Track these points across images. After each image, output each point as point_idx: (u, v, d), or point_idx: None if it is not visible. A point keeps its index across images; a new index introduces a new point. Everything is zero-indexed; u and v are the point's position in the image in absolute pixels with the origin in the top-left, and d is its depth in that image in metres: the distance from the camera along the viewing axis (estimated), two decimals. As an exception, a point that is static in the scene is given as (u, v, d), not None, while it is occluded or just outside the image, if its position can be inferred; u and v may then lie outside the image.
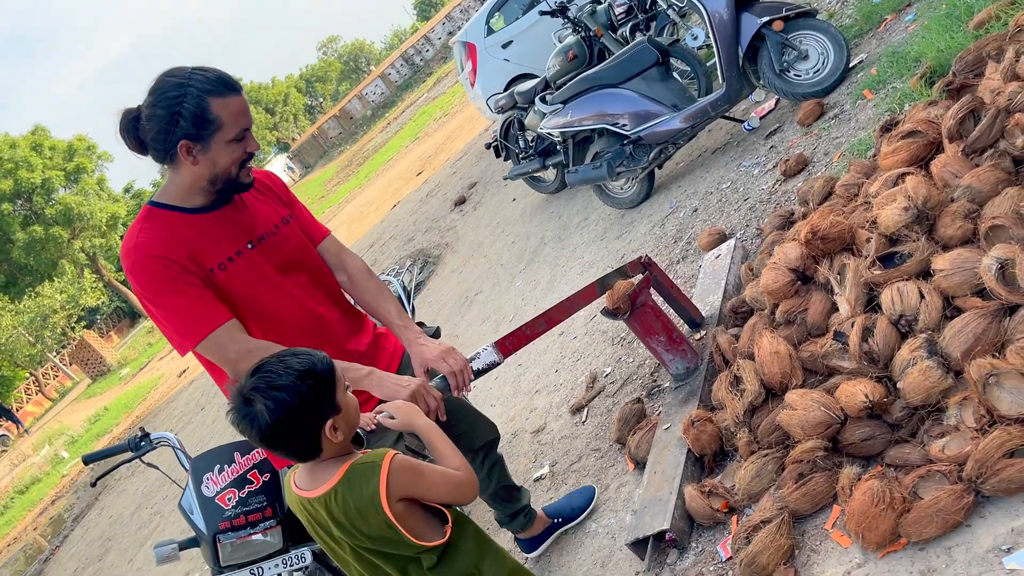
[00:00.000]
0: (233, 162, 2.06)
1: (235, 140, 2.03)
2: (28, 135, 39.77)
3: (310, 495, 1.69)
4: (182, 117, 1.95)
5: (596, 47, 6.53)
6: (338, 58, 78.12)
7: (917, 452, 2.05)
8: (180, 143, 1.98)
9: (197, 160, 2.01)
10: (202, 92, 1.96)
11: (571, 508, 2.99)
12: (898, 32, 4.45)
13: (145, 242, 2.03)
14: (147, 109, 1.98)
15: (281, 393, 1.58)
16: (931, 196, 2.29)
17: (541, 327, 2.68)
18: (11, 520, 16.76)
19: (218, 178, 2.07)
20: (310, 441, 1.64)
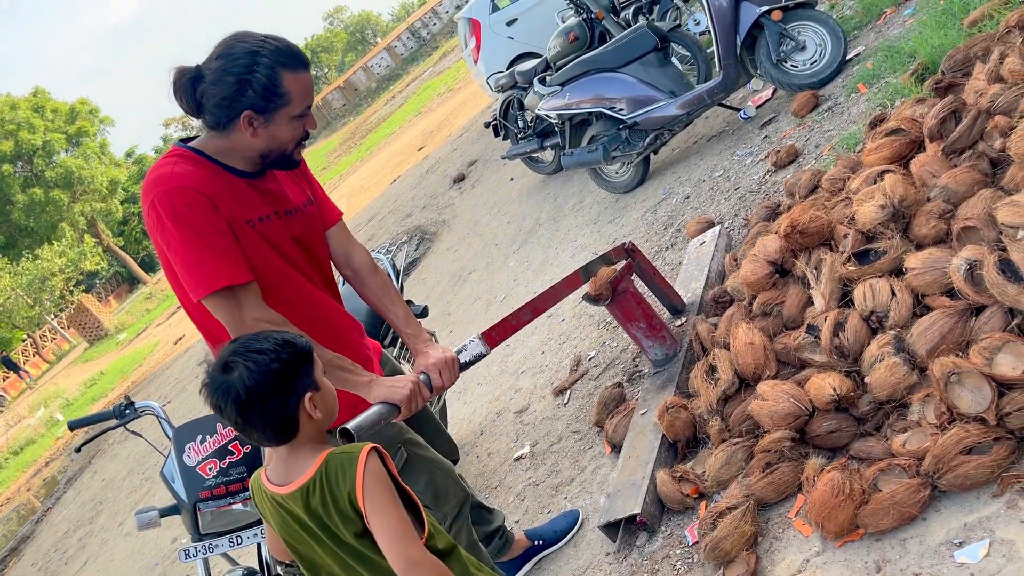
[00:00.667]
0: (292, 139, 2.00)
1: (298, 116, 1.97)
2: (29, 96, 39.61)
3: (285, 490, 1.59)
4: (251, 87, 1.88)
5: (597, 29, 6.51)
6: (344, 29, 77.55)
7: (880, 446, 2.10)
8: (244, 113, 1.90)
9: (257, 133, 1.94)
10: (275, 63, 1.89)
11: (553, 531, 2.84)
12: (896, 26, 4.45)
13: (182, 173, 1.92)
14: (213, 73, 1.89)
15: (262, 356, 1.54)
16: (908, 195, 2.32)
17: (527, 316, 2.69)
18: (5, 480, 16.92)
19: (272, 152, 2.00)
20: (289, 412, 1.56)
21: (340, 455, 1.58)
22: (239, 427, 1.58)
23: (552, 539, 2.83)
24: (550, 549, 2.82)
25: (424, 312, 3.95)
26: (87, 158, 39.67)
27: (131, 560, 6.51)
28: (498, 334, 2.52)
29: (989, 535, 1.76)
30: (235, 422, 1.56)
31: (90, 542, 8.14)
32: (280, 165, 2.09)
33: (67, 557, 8.30)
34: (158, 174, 1.94)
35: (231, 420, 1.57)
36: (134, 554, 6.59)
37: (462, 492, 2.39)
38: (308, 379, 1.60)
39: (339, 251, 2.30)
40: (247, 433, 1.59)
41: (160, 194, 1.90)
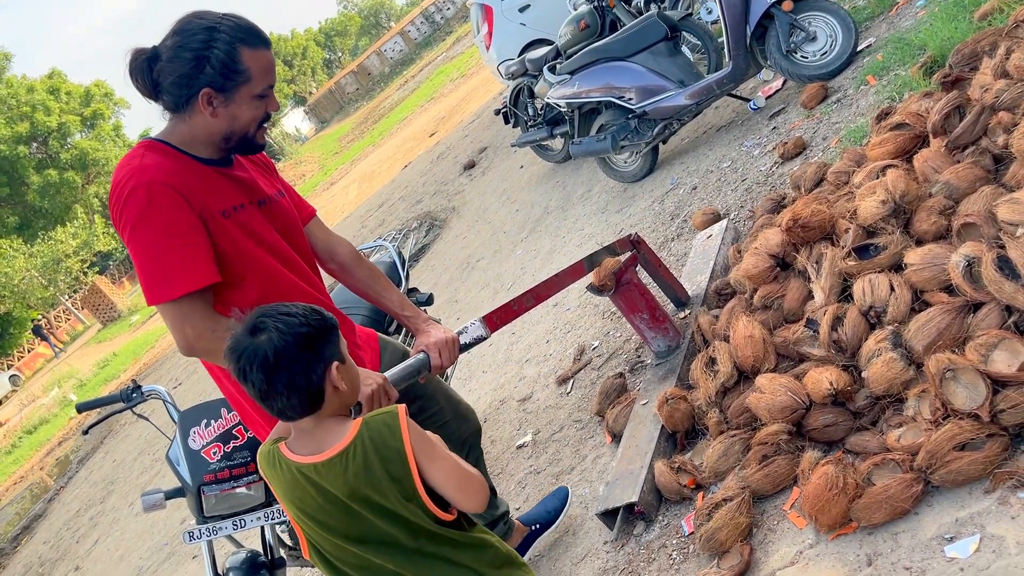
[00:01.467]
0: (253, 119, 1.95)
1: (259, 96, 1.92)
2: (45, 79, 39.78)
3: (319, 458, 1.54)
4: (209, 63, 1.82)
5: (608, 17, 6.49)
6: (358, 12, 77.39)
7: (876, 440, 2.11)
8: (203, 91, 1.85)
9: (217, 112, 1.89)
10: (234, 39, 1.84)
11: (547, 512, 2.83)
12: (908, 17, 4.42)
13: (151, 166, 1.86)
14: (168, 51, 1.84)
15: (292, 319, 1.51)
16: (909, 190, 2.32)
17: (529, 303, 2.71)
18: (19, 459, 17.13)
19: (234, 135, 1.95)
20: (316, 380, 1.51)
21: (378, 417, 1.57)
22: (263, 394, 1.51)
23: (547, 520, 2.82)
24: (548, 530, 2.82)
25: (430, 299, 3.98)
26: (102, 140, 39.82)
27: (141, 539, 6.60)
28: (499, 318, 2.54)
29: (980, 530, 1.78)
30: (260, 389, 1.50)
31: (101, 521, 8.26)
32: (243, 149, 2.03)
33: (78, 536, 8.43)
34: (126, 169, 1.88)
35: (255, 387, 1.50)
36: (144, 534, 6.68)
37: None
38: (335, 349, 1.57)
39: (321, 247, 2.28)
40: (271, 401, 1.52)
41: (129, 190, 1.84)
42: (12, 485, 15.24)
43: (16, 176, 37.46)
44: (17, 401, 27.68)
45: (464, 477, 1.59)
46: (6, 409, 28.87)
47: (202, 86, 1.85)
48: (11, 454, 18.42)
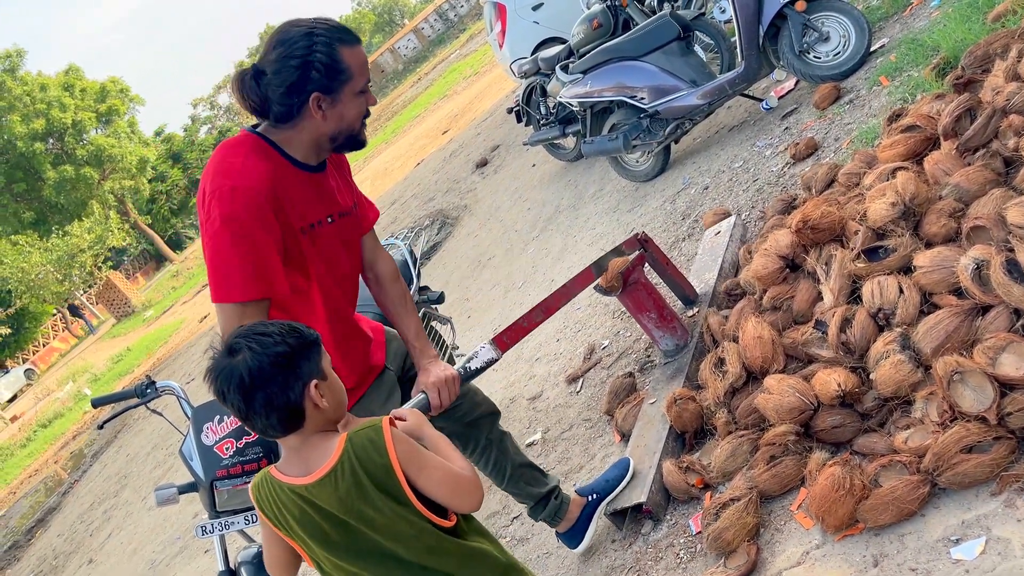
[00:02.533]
0: (358, 116, 2.00)
1: (361, 93, 1.97)
2: (61, 75, 40.09)
3: (310, 479, 1.54)
4: (314, 67, 1.88)
5: (621, 17, 6.48)
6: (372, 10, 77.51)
7: (883, 442, 2.12)
8: (312, 96, 1.90)
9: (326, 115, 1.94)
10: (332, 40, 1.89)
11: (605, 481, 2.69)
12: (922, 18, 4.41)
13: (250, 170, 1.90)
14: (273, 64, 1.89)
15: (267, 338, 1.51)
16: (919, 193, 2.32)
17: (538, 317, 2.68)
18: (33, 452, 17.29)
19: (341, 134, 2.00)
20: (294, 397, 1.51)
21: (362, 432, 1.56)
22: (243, 414, 1.52)
23: (606, 490, 2.68)
24: (607, 499, 2.68)
25: (440, 298, 4.01)
26: (117, 136, 40.14)
27: (154, 533, 6.67)
28: (509, 338, 2.52)
29: (986, 533, 1.78)
30: (238, 408, 1.51)
31: (114, 515, 8.34)
32: (349, 147, 2.07)
33: (92, 529, 8.51)
34: (227, 164, 1.92)
35: (234, 407, 1.52)
36: (157, 528, 6.74)
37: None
38: (313, 366, 1.56)
39: (367, 256, 2.32)
40: (251, 421, 1.53)
41: (226, 189, 1.88)
42: (27, 478, 15.40)
43: (32, 172, 37.82)
44: (32, 395, 27.95)
45: (455, 481, 1.58)
46: (21, 403, 29.16)
47: (312, 91, 1.90)
48: (26, 447, 18.60)
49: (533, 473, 2.62)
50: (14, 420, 24.82)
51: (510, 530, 3.19)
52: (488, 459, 2.56)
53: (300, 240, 1.99)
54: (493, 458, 2.56)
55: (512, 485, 2.60)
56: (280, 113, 1.94)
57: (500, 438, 2.59)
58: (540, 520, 2.67)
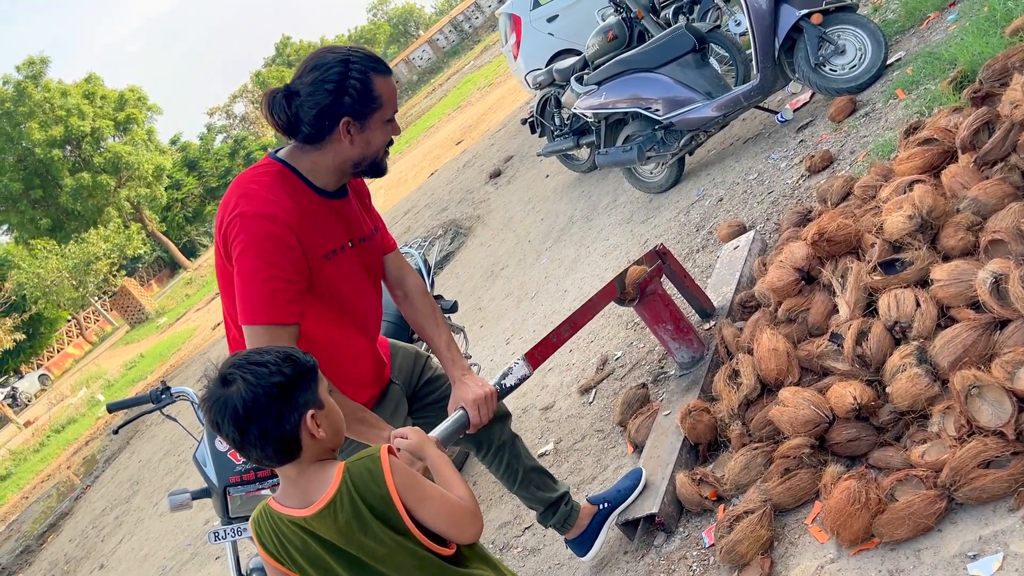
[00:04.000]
0: (383, 144, 2.04)
1: (388, 121, 2.02)
2: (81, 83, 40.53)
3: (309, 511, 1.52)
4: (347, 93, 1.92)
5: (636, 29, 6.51)
6: (387, 21, 78.02)
7: (899, 456, 2.11)
8: (343, 120, 1.94)
9: (354, 140, 1.98)
10: (367, 68, 1.94)
11: (617, 491, 2.69)
12: (939, 31, 4.40)
13: (275, 200, 1.94)
14: (307, 86, 1.92)
15: (262, 368, 1.48)
16: (936, 206, 2.31)
17: (566, 333, 2.69)
18: (46, 457, 17.39)
19: (365, 160, 2.03)
20: (290, 428, 1.48)
21: (359, 463, 1.54)
22: (237, 445, 1.50)
23: (618, 500, 2.67)
24: (618, 509, 2.67)
25: (454, 307, 4.02)
26: (135, 144, 40.49)
27: (165, 539, 6.68)
28: (540, 354, 2.52)
29: (1003, 549, 1.77)
30: (233, 439, 1.49)
31: (126, 520, 8.37)
32: (371, 173, 2.11)
33: (104, 534, 8.54)
34: (253, 191, 1.96)
35: (229, 438, 1.50)
36: (168, 534, 6.76)
37: None
38: (310, 395, 1.53)
39: (394, 274, 2.35)
40: (247, 452, 1.51)
41: (250, 215, 1.92)
42: (39, 483, 15.48)
43: (50, 179, 38.18)
44: (46, 400, 28.10)
45: (454, 512, 1.56)
46: (35, 408, 29.35)
47: (343, 116, 1.94)
48: (39, 452, 18.70)
49: (544, 478, 2.62)
50: (28, 425, 24.96)
51: (521, 540, 3.18)
52: (500, 461, 2.56)
53: (324, 266, 2.02)
54: (505, 461, 2.56)
55: (523, 489, 2.59)
56: (310, 135, 1.97)
57: (512, 440, 2.58)
58: (550, 526, 2.65)
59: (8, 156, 37.00)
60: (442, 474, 1.65)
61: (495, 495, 3.58)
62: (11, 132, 37.13)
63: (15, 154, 37.14)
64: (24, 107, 37.21)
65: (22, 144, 37.22)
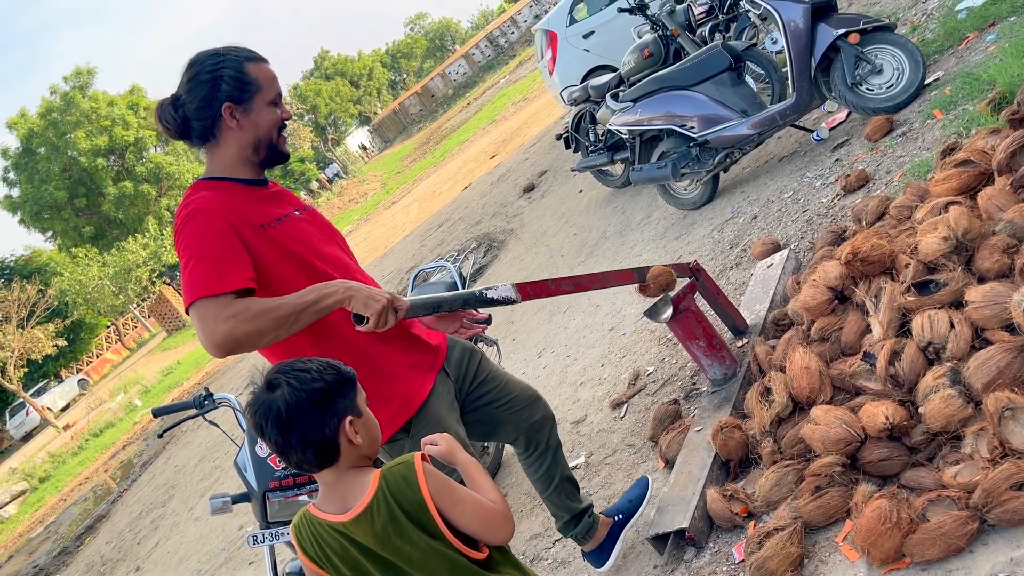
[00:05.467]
0: (273, 124, 2.13)
1: (272, 104, 2.12)
2: (126, 94, 41.47)
3: (347, 517, 1.57)
4: (223, 81, 2.04)
5: (672, 46, 6.55)
6: (424, 35, 78.83)
7: (932, 476, 2.11)
8: (224, 106, 2.06)
9: (241, 124, 2.09)
10: (239, 58, 2.08)
11: (628, 502, 2.82)
12: (978, 52, 4.38)
13: (201, 198, 2.04)
14: (186, 84, 2.07)
15: (306, 374, 1.56)
16: (972, 228, 2.32)
17: (567, 286, 2.66)
18: (84, 461, 17.73)
19: (261, 143, 2.13)
20: (330, 432, 1.56)
21: (395, 469, 1.60)
22: (279, 448, 1.57)
23: (630, 510, 2.80)
24: (632, 519, 2.79)
25: (488, 320, 4.05)
26: (176, 155, 41.32)
27: (199, 543, 6.80)
28: (532, 290, 2.49)
29: (1036, 572, 1.77)
30: (275, 442, 1.56)
31: (162, 524, 8.51)
32: (272, 159, 2.18)
33: (140, 537, 8.70)
34: (183, 204, 2.06)
35: (272, 441, 1.56)
36: (202, 538, 6.88)
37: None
38: (349, 402, 1.60)
39: None
40: (287, 455, 1.58)
41: (182, 218, 2.02)
42: (77, 485, 15.78)
43: (94, 187, 39.09)
44: (85, 404, 28.65)
45: (487, 515, 1.61)
46: (74, 412, 29.93)
47: (222, 102, 2.06)
48: (77, 456, 19.08)
49: (573, 489, 2.71)
50: (67, 429, 25.46)
51: (552, 552, 3.21)
52: (542, 464, 2.64)
53: (269, 234, 2.07)
54: (546, 465, 2.64)
55: (555, 495, 2.67)
56: (200, 130, 2.09)
57: (557, 446, 2.66)
58: (570, 536, 2.73)
59: (54, 165, 37.98)
60: (473, 478, 1.71)
61: (526, 507, 3.62)
62: (57, 141, 38.11)
63: (61, 163, 38.11)
64: (71, 116, 38.18)
65: (68, 153, 38.18)
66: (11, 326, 27.65)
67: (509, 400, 2.52)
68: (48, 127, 38.10)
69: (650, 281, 2.87)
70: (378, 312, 1.95)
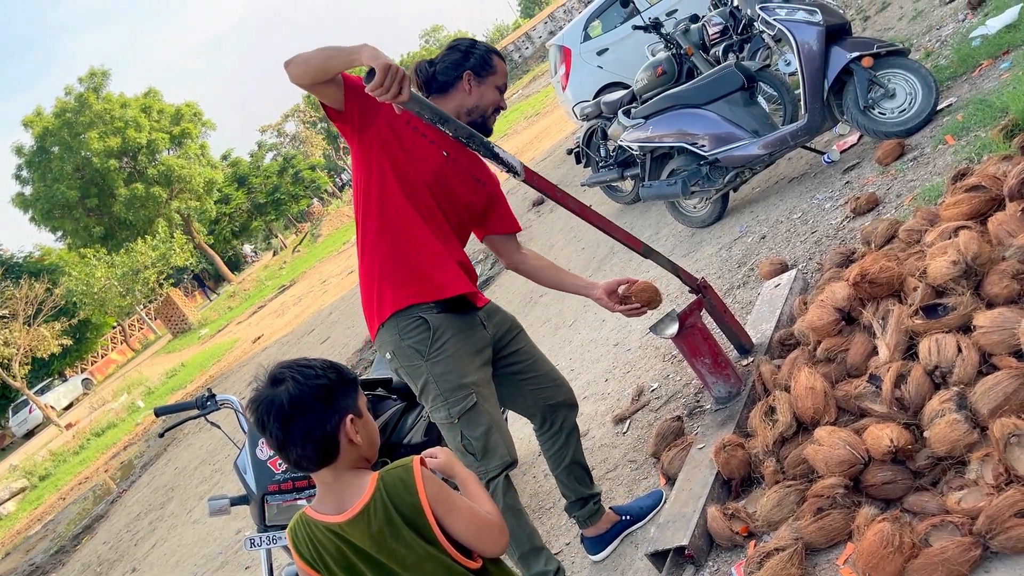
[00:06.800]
0: (492, 103, 2.62)
1: (499, 90, 2.62)
2: (140, 97, 41.76)
3: (344, 517, 1.58)
4: (473, 56, 2.58)
5: (686, 65, 6.58)
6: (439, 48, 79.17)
7: (935, 501, 2.09)
8: (466, 72, 2.56)
9: (471, 90, 2.57)
10: (488, 49, 2.63)
11: (639, 508, 3.00)
12: (991, 79, 4.38)
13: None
14: (445, 53, 2.61)
15: (310, 370, 1.58)
16: (982, 253, 2.31)
17: (570, 202, 2.70)
18: (85, 460, 17.73)
19: (476, 111, 2.59)
20: (330, 429, 1.57)
21: (393, 472, 1.61)
22: (280, 443, 1.57)
23: (639, 515, 2.99)
24: (636, 525, 2.98)
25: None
26: (188, 158, 41.56)
27: (196, 547, 6.78)
28: (536, 183, 2.59)
29: (1038, 601, 1.75)
30: (276, 437, 1.57)
31: (160, 526, 8.50)
32: (479, 126, 2.56)
33: (137, 538, 8.68)
34: None
35: (273, 436, 1.57)
36: (200, 541, 6.86)
37: (508, 457, 2.57)
38: (351, 401, 1.62)
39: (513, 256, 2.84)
40: (287, 450, 1.58)
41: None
42: (77, 485, 15.77)
43: (105, 188, 39.31)
44: (88, 404, 28.69)
45: (482, 524, 1.62)
46: (77, 411, 29.98)
47: (467, 69, 2.58)
48: (78, 455, 19.08)
49: (584, 475, 2.93)
50: (69, 428, 25.49)
51: (550, 566, 3.18)
52: (554, 444, 2.87)
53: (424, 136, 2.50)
54: (559, 445, 2.86)
55: (564, 474, 2.89)
56: (441, 84, 2.58)
57: (572, 430, 2.89)
58: (574, 517, 2.97)
59: (67, 164, 38.22)
60: (470, 490, 1.71)
61: (532, 513, 3.59)
62: (71, 141, 38.37)
63: (74, 163, 38.35)
64: (84, 117, 38.44)
65: (81, 153, 38.42)
66: (18, 323, 27.75)
67: (535, 376, 2.78)
68: (62, 127, 38.37)
69: (632, 294, 2.81)
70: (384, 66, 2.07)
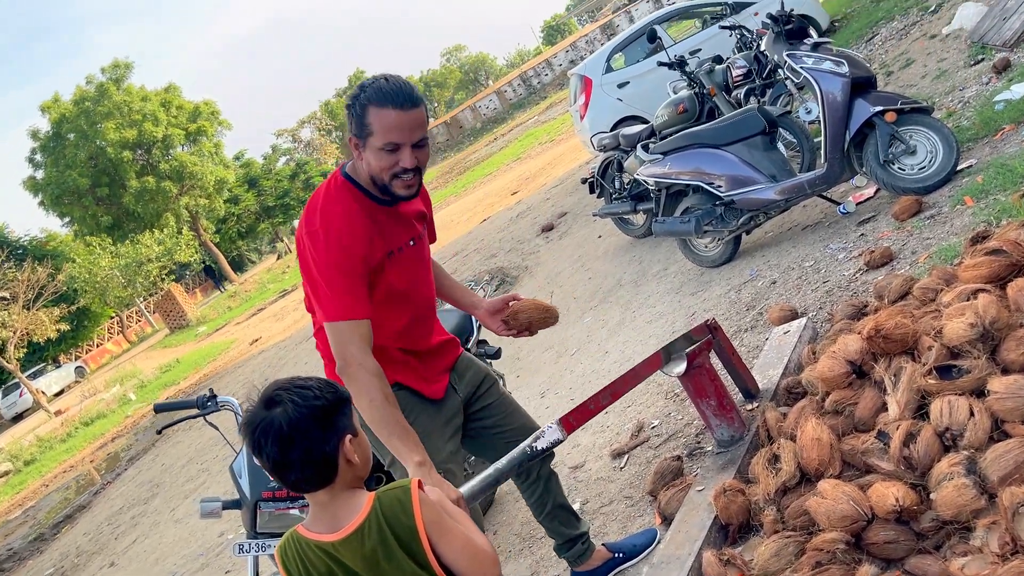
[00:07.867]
0: (383, 169, 2.20)
1: (384, 150, 2.17)
2: (161, 91, 42.01)
3: (336, 536, 1.56)
4: (352, 114, 2.20)
5: (707, 105, 6.61)
6: (459, 67, 79.80)
7: (937, 566, 2.06)
8: (351, 137, 2.24)
9: (361, 156, 2.22)
10: (368, 99, 2.14)
11: (633, 546, 2.96)
12: (1013, 144, 4.40)
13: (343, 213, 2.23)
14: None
15: (307, 391, 1.55)
16: (1000, 318, 2.30)
17: (605, 400, 2.69)
18: (72, 448, 17.62)
19: (375, 178, 2.23)
20: (330, 450, 1.54)
21: (391, 492, 1.59)
22: (277, 466, 1.54)
23: (631, 553, 2.95)
24: (628, 563, 2.93)
25: (497, 354, 4.05)
26: (201, 156, 41.73)
27: (178, 546, 6.71)
28: (576, 419, 2.53)
29: (1039, 677, 1.72)
30: (274, 460, 1.53)
31: (142, 522, 8.42)
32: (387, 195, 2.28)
33: (118, 532, 8.60)
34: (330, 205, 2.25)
35: (269, 459, 1.53)
36: (181, 541, 6.80)
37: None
38: (347, 421, 1.60)
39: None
40: (285, 474, 1.54)
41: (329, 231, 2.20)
42: (61, 472, 15.66)
43: (117, 179, 39.45)
44: (79, 392, 28.58)
45: (475, 552, 1.60)
46: (67, 398, 29.87)
47: (351, 133, 2.24)
48: (65, 443, 18.96)
49: (569, 516, 2.87)
50: (59, 414, 25.39)
51: (537, 597, 3.15)
52: (534, 492, 2.80)
53: (385, 264, 2.30)
54: (539, 492, 2.80)
55: (548, 520, 2.84)
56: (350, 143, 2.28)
57: (549, 476, 2.82)
58: (563, 558, 2.91)
59: (81, 152, 38.37)
60: (464, 525, 1.68)
61: (515, 547, 3.56)
62: (87, 130, 38.56)
63: (88, 151, 38.50)
64: (103, 107, 38.66)
65: (96, 142, 38.58)
66: (17, 306, 27.72)
67: (508, 430, 2.68)
68: (80, 115, 38.58)
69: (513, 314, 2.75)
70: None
